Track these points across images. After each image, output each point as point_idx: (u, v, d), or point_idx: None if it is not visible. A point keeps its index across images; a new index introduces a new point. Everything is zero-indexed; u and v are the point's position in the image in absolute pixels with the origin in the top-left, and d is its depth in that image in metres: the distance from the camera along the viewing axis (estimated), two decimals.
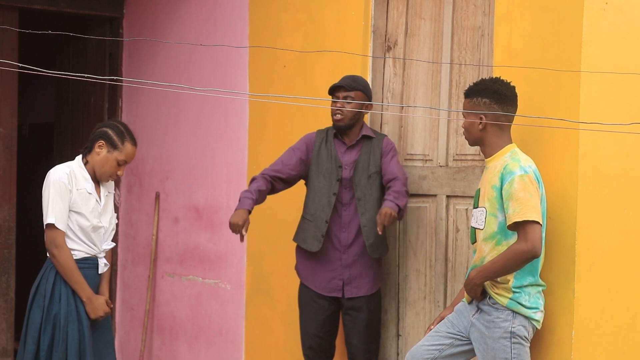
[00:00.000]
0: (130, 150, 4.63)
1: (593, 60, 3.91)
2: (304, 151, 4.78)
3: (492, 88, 3.97)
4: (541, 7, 4.09)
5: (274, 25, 5.53)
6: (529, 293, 3.89)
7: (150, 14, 6.63)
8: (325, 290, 4.75)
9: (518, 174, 3.82)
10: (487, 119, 3.94)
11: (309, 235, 4.76)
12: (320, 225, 4.71)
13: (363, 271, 4.70)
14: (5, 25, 6.09)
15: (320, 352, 4.82)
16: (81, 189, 4.56)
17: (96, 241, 4.60)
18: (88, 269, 4.60)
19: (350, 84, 4.67)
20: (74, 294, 4.55)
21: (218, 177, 6.02)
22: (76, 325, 4.53)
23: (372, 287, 4.72)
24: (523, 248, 3.78)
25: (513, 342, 3.86)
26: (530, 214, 3.77)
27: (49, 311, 4.53)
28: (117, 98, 6.88)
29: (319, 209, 4.71)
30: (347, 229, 4.69)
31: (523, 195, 3.78)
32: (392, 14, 4.96)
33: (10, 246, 6.52)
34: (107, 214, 4.66)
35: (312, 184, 4.78)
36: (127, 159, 4.63)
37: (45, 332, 4.52)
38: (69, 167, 4.60)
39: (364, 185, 4.67)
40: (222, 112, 5.98)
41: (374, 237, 4.64)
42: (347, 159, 4.72)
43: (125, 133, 4.63)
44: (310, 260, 4.79)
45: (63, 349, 4.50)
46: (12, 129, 6.56)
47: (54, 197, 4.50)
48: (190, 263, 6.25)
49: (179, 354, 6.32)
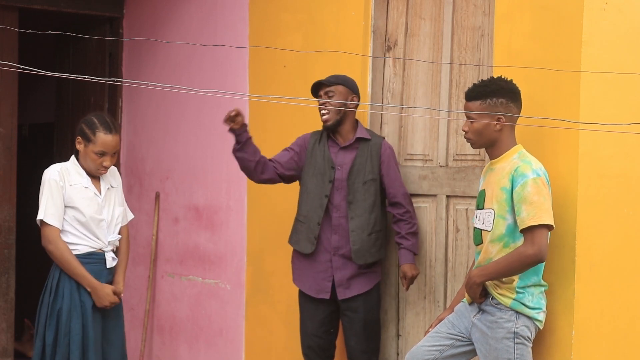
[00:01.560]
0: (103, 140, 4.58)
1: (593, 60, 3.90)
2: (297, 152, 4.78)
3: (507, 87, 3.91)
4: (541, 7, 4.09)
5: (274, 25, 5.53)
6: (532, 293, 3.88)
7: (150, 14, 6.63)
8: (313, 292, 4.74)
9: (531, 177, 3.79)
10: (504, 120, 3.90)
11: (301, 237, 4.75)
12: (312, 227, 4.70)
13: (354, 273, 4.68)
14: (5, 25, 6.08)
15: (320, 352, 4.81)
16: (75, 184, 4.60)
17: (99, 234, 4.62)
18: (94, 264, 4.62)
19: (329, 79, 4.67)
20: (79, 288, 4.57)
21: (218, 177, 6.02)
22: (80, 319, 4.55)
23: (365, 285, 4.70)
24: (529, 252, 3.76)
25: (516, 343, 3.85)
26: (545, 218, 3.75)
27: (53, 306, 4.58)
28: (117, 98, 6.88)
29: (312, 211, 4.70)
30: (338, 231, 4.68)
31: (537, 198, 3.76)
32: (392, 14, 4.96)
33: (10, 246, 6.52)
34: (109, 206, 4.67)
35: (305, 185, 4.76)
36: (104, 149, 4.59)
37: (50, 327, 4.56)
38: (62, 165, 4.67)
39: (358, 190, 4.65)
40: (222, 112, 5.94)
41: (360, 243, 4.63)
42: (341, 160, 4.70)
43: (97, 124, 4.61)
44: (301, 261, 4.79)
45: (66, 342, 4.53)
46: (12, 129, 6.56)
47: (46, 194, 4.56)
48: (190, 263, 6.25)
49: (179, 354, 6.32)
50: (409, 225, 4.66)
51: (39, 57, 6.22)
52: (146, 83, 6.17)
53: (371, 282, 4.73)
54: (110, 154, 4.62)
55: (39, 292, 4.72)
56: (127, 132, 6.83)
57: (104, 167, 4.62)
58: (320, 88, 4.70)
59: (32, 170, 7.39)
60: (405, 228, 4.65)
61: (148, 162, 6.66)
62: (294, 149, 4.80)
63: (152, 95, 6.56)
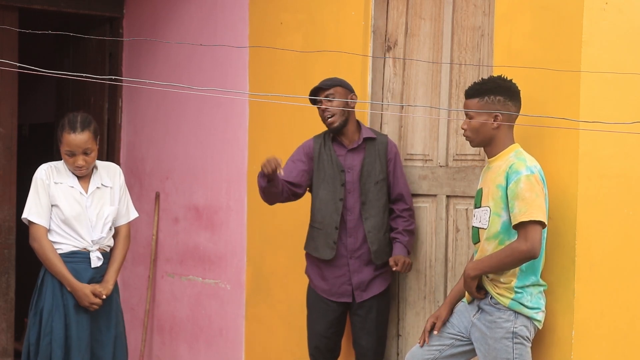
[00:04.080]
0: (69, 139, 4.53)
1: (593, 60, 3.90)
2: (305, 162, 4.72)
3: (505, 85, 3.93)
4: (541, 7, 4.09)
5: (274, 25, 5.53)
6: (531, 293, 3.88)
7: (150, 14, 6.63)
8: (335, 296, 4.72)
9: (524, 173, 3.80)
10: (501, 117, 3.91)
11: (320, 243, 4.71)
12: (330, 232, 4.67)
13: (372, 275, 4.68)
14: (5, 25, 6.09)
15: (326, 352, 4.81)
16: (60, 182, 4.60)
17: (83, 233, 4.59)
18: (77, 262, 4.60)
19: (325, 82, 4.67)
20: (62, 288, 4.56)
21: (218, 177, 6.02)
22: (62, 319, 4.53)
23: (380, 285, 4.71)
24: (522, 248, 3.77)
25: (515, 343, 3.85)
26: (536, 214, 3.75)
27: (37, 305, 4.59)
28: (117, 98, 6.88)
29: (327, 216, 4.68)
30: (354, 234, 4.67)
31: (529, 195, 3.77)
32: (392, 14, 4.96)
33: (10, 246, 6.53)
34: (96, 206, 4.65)
35: (316, 192, 4.73)
36: (70, 149, 4.54)
37: (34, 326, 4.57)
38: (51, 164, 4.68)
39: (371, 190, 4.65)
40: (222, 112, 5.98)
41: (378, 244, 4.64)
42: (350, 163, 4.70)
43: (64, 124, 4.58)
44: (319, 267, 4.76)
45: (47, 342, 4.52)
46: (12, 129, 6.56)
47: (32, 193, 4.60)
48: (190, 263, 6.25)
49: (179, 354, 6.32)
50: (407, 223, 4.66)
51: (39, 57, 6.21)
52: (146, 82, 6.17)
53: (385, 282, 4.73)
54: (79, 153, 4.54)
55: None
56: (127, 132, 6.84)
57: (78, 166, 4.56)
58: (319, 93, 4.68)
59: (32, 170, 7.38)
60: (404, 225, 4.65)
61: (148, 162, 6.66)
62: (302, 160, 4.73)
63: (152, 95, 6.56)
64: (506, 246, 3.84)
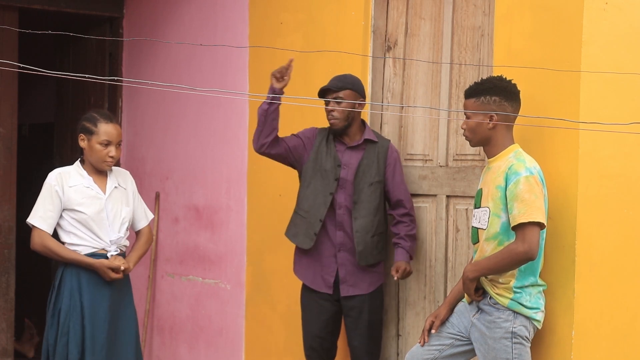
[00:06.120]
0: (106, 129, 4.60)
1: (593, 60, 3.90)
2: (304, 142, 4.76)
3: (501, 85, 3.93)
4: (541, 7, 4.09)
5: (274, 25, 5.53)
6: (530, 293, 3.88)
7: (150, 14, 6.63)
8: (316, 285, 4.73)
9: (524, 175, 3.80)
10: (497, 118, 3.92)
11: (300, 231, 4.74)
12: (313, 223, 4.69)
13: (359, 270, 4.68)
14: (5, 25, 6.08)
15: (322, 352, 4.81)
16: (75, 185, 4.61)
17: (101, 234, 4.61)
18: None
19: (336, 84, 4.65)
20: (80, 289, 4.57)
21: (218, 177, 6.02)
22: (79, 319, 4.55)
23: (369, 285, 4.71)
24: (520, 249, 3.77)
25: (514, 343, 3.85)
26: (535, 215, 3.75)
27: (55, 306, 4.60)
28: (117, 98, 6.88)
29: (314, 207, 4.69)
30: (342, 229, 4.68)
31: (529, 196, 3.77)
32: (392, 14, 4.96)
33: (10, 246, 6.52)
34: (114, 206, 4.66)
35: (307, 181, 4.74)
36: (109, 138, 4.60)
37: (52, 326, 4.58)
38: (63, 168, 4.69)
39: (364, 190, 4.65)
40: (222, 112, 5.98)
41: (364, 245, 4.63)
42: (347, 160, 4.70)
43: (97, 116, 4.65)
44: (306, 256, 4.78)
45: (64, 342, 4.53)
46: (12, 129, 6.56)
47: (40, 198, 4.61)
48: (190, 263, 6.25)
49: (179, 354, 6.33)
50: (409, 228, 4.66)
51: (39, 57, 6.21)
52: (146, 82, 6.17)
53: (376, 282, 4.73)
54: (114, 144, 4.61)
55: (39, 292, 4.73)
56: (127, 132, 6.83)
57: (110, 157, 4.61)
58: (328, 92, 4.68)
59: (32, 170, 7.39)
60: (405, 230, 4.65)
61: (148, 162, 6.66)
62: (302, 138, 4.78)
63: (152, 95, 6.56)
64: (504, 248, 3.84)
